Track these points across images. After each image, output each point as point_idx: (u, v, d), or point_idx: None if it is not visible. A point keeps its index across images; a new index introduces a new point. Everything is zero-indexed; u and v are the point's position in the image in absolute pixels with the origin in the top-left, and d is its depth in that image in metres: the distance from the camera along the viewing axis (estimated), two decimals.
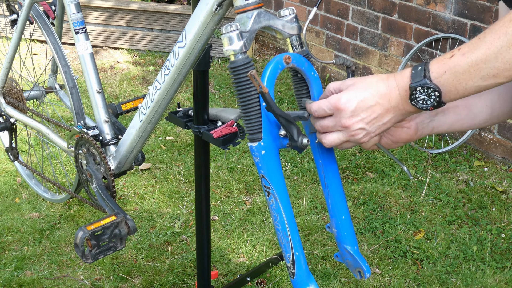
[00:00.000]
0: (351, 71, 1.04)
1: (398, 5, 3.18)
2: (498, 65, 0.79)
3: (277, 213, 1.02)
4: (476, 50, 0.81)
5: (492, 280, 2.07)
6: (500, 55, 0.79)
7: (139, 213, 2.40)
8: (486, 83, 0.82)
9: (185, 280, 2.04)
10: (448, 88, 0.84)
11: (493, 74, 0.80)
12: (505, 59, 0.79)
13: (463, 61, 0.82)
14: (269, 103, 0.94)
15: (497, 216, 2.43)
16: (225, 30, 1.00)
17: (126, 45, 4.19)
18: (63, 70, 1.85)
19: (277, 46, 4.18)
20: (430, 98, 0.85)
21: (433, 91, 0.85)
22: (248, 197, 2.53)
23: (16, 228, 2.28)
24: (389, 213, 2.43)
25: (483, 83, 0.82)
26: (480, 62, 0.80)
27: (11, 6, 2.06)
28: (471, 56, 0.81)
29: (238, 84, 1.01)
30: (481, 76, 0.81)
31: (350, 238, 1.10)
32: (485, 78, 0.81)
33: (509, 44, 0.78)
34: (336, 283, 2.03)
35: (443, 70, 0.84)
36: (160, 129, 3.09)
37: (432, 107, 0.86)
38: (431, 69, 0.85)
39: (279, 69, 0.99)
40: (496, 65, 0.80)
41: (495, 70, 0.80)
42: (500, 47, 0.78)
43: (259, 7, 1.03)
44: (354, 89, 0.91)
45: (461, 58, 0.82)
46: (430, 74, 0.85)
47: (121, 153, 1.62)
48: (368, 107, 0.89)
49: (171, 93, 1.33)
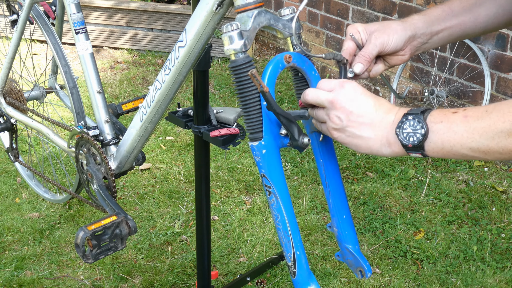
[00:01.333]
0: (343, 65, 1.04)
1: (398, 5, 3.18)
2: (492, 146, 0.78)
3: (278, 212, 1.02)
4: (478, 120, 0.79)
5: (492, 280, 2.07)
6: (497, 138, 0.77)
7: (139, 213, 2.40)
8: (472, 155, 0.81)
9: (185, 280, 2.04)
10: (436, 138, 0.82)
11: (484, 151, 0.79)
12: (500, 144, 0.78)
13: (462, 123, 0.80)
14: (269, 102, 0.94)
15: (497, 216, 2.43)
16: (226, 30, 1.00)
17: (126, 45, 4.19)
18: (64, 70, 1.85)
19: (277, 46, 4.18)
20: (414, 135, 0.83)
21: (421, 128, 0.83)
22: (248, 197, 2.53)
23: (16, 228, 2.28)
24: (389, 213, 2.43)
25: (470, 153, 0.81)
26: (476, 134, 0.79)
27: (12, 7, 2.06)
28: (471, 123, 0.80)
29: (238, 83, 1.01)
30: (471, 147, 0.80)
31: (351, 237, 1.10)
32: (474, 150, 0.80)
33: (509, 132, 0.76)
34: (336, 283, 2.03)
35: (440, 120, 0.83)
36: (160, 129, 3.09)
37: (411, 145, 0.84)
38: (432, 113, 0.84)
39: (280, 68, 0.99)
40: (490, 145, 0.78)
41: (487, 148, 0.79)
42: (500, 131, 0.77)
43: (260, 6, 1.03)
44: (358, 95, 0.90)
45: (462, 120, 0.81)
46: (428, 116, 0.84)
47: (121, 153, 1.62)
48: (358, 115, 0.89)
49: (172, 93, 1.33)
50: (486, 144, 0.78)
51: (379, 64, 1.09)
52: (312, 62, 1.05)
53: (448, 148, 0.82)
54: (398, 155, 0.88)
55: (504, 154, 0.78)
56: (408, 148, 0.84)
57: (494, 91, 2.83)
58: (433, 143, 0.83)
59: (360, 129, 0.88)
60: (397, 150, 0.87)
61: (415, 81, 3.25)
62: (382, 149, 0.88)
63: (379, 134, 0.87)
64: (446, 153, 0.82)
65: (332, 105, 0.90)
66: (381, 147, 0.88)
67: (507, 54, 2.74)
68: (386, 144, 0.87)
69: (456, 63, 3.00)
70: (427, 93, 3.10)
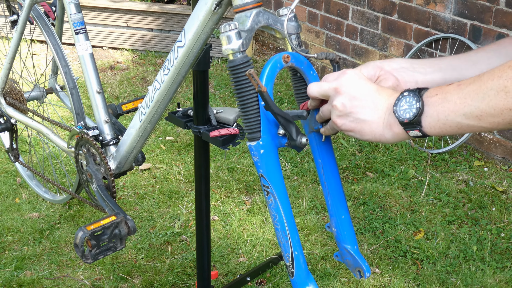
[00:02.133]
0: (336, 63, 1.04)
1: (398, 5, 3.18)
2: (483, 107, 0.77)
3: (276, 212, 1.02)
4: (470, 85, 0.79)
5: (492, 280, 2.07)
6: (487, 97, 0.76)
7: (139, 213, 2.40)
8: (468, 122, 0.79)
9: (185, 280, 2.04)
10: (431, 110, 0.82)
11: (477, 115, 0.78)
12: (491, 103, 0.76)
13: (455, 90, 0.80)
14: (267, 102, 0.95)
15: (497, 216, 2.43)
16: (224, 29, 1.00)
17: (126, 45, 4.19)
18: (64, 71, 1.85)
19: (277, 46, 4.18)
20: (410, 110, 0.83)
21: (416, 102, 0.83)
22: (248, 197, 2.53)
23: (16, 228, 2.28)
24: (389, 213, 2.43)
25: (465, 121, 0.79)
26: (468, 97, 0.78)
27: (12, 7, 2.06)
28: (463, 88, 0.79)
29: (236, 83, 1.01)
30: (464, 112, 0.79)
31: (350, 237, 1.10)
32: (468, 116, 0.79)
33: (498, 89, 0.75)
34: (336, 283, 2.03)
35: (435, 93, 0.83)
36: (160, 129, 3.09)
37: (407, 121, 0.84)
38: (429, 89, 0.84)
39: (278, 68, 0.99)
40: (481, 106, 0.77)
41: (479, 111, 0.77)
42: (490, 89, 0.76)
43: (258, 6, 1.04)
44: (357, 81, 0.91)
45: (455, 88, 0.81)
46: (423, 92, 0.84)
47: (121, 153, 1.62)
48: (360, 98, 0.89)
49: (171, 93, 1.33)
50: (477, 107, 0.77)
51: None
52: (311, 62, 1.05)
53: (443, 119, 0.81)
54: (400, 137, 0.87)
55: (497, 116, 0.76)
56: (405, 124, 0.84)
57: None
58: (429, 116, 0.83)
59: (363, 113, 0.89)
60: (397, 131, 0.87)
61: None
62: (384, 132, 0.88)
63: (381, 116, 0.88)
64: (443, 126, 0.82)
65: (336, 92, 0.91)
66: (383, 130, 0.88)
67: None
68: (387, 126, 0.87)
69: None
70: None
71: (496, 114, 0.76)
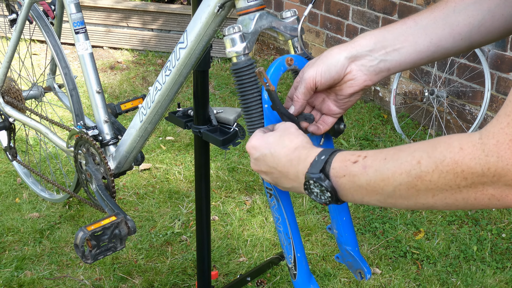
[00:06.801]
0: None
1: (398, 5, 3.18)
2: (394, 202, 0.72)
3: (279, 214, 1.02)
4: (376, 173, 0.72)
5: (492, 280, 2.07)
6: (398, 191, 0.71)
7: (139, 213, 2.40)
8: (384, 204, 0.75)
9: (185, 280, 2.04)
10: (344, 192, 0.77)
11: (390, 202, 0.73)
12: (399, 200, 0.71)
13: (362, 175, 0.74)
14: (274, 101, 0.94)
15: (497, 216, 2.43)
16: (228, 32, 1.00)
17: (126, 45, 4.18)
18: (63, 72, 1.85)
19: (277, 46, 4.18)
20: (323, 196, 0.78)
21: (326, 191, 0.77)
22: (248, 197, 2.53)
23: (16, 228, 2.28)
24: (389, 213, 2.43)
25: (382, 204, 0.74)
26: (378, 188, 0.72)
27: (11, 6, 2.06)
28: (370, 175, 0.73)
29: (240, 85, 1.01)
30: (377, 199, 0.74)
31: (351, 239, 1.10)
32: (383, 202, 0.74)
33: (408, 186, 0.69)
34: (336, 283, 2.03)
35: (343, 173, 0.76)
36: (160, 129, 3.09)
37: (325, 204, 0.80)
38: (333, 165, 0.77)
39: (282, 70, 0.99)
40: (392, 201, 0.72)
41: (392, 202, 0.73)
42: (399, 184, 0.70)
43: (261, 9, 1.03)
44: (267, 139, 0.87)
45: (361, 172, 0.74)
46: (330, 170, 0.77)
47: (121, 153, 1.62)
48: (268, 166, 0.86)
49: (172, 94, 1.33)
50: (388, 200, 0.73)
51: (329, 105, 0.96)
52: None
53: (359, 200, 0.76)
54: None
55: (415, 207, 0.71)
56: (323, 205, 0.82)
57: (494, 91, 2.83)
58: (344, 196, 0.78)
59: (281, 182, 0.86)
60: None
61: (415, 81, 3.25)
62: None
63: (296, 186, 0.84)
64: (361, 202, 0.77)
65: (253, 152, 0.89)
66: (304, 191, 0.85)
67: (507, 54, 2.73)
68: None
69: (456, 63, 3.00)
70: (427, 93, 3.10)
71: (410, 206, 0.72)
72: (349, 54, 0.89)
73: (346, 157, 0.77)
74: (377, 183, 0.72)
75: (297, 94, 0.93)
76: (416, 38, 0.89)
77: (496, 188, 0.62)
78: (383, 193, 0.72)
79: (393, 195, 0.72)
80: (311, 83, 0.91)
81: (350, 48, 0.90)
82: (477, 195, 0.64)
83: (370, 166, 0.73)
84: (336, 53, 0.90)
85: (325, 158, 0.78)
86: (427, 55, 0.90)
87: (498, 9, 0.85)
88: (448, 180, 0.65)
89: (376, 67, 0.90)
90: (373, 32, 0.91)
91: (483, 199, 0.64)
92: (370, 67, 0.90)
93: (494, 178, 0.61)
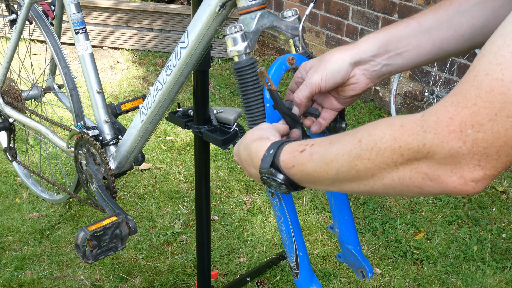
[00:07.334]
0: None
1: (398, 5, 3.18)
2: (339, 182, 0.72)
3: (281, 213, 1.02)
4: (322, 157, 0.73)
5: (492, 280, 2.07)
6: (341, 174, 0.71)
7: (139, 213, 2.40)
8: (333, 189, 0.75)
9: (185, 280, 2.04)
10: (297, 179, 0.78)
11: (338, 187, 0.74)
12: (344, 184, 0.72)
13: (309, 162, 0.75)
14: (276, 101, 0.95)
15: (497, 216, 2.43)
16: (229, 31, 1.00)
17: (126, 45, 4.18)
18: (63, 72, 1.85)
19: (277, 46, 4.18)
20: (280, 188, 0.80)
21: (280, 184, 0.79)
22: (248, 197, 2.53)
23: (16, 228, 2.28)
24: (389, 213, 2.43)
25: (333, 188, 0.75)
26: (324, 172, 0.73)
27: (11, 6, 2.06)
28: (316, 160, 0.73)
29: (242, 84, 1.01)
30: (325, 184, 0.75)
31: (353, 238, 1.10)
32: (330, 186, 0.75)
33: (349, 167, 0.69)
34: (336, 283, 2.03)
35: (292, 164, 0.77)
36: (160, 129, 3.09)
37: (286, 193, 0.81)
38: (282, 157, 0.78)
39: (283, 70, 0.99)
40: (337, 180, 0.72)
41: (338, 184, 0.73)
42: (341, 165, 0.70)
43: (263, 8, 1.03)
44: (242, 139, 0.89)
45: (308, 159, 0.75)
46: (279, 163, 0.79)
47: (121, 153, 1.62)
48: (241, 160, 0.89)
49: (173, 94, 1.33)
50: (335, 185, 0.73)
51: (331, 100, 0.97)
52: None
53: (313, 185, 0.78)
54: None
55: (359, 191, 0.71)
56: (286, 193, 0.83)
57: None
58: (299, 184, 0.80)
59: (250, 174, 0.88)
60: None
61: (415, 81, 3.25)
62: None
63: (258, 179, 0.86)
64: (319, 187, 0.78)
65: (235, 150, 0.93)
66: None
67: None
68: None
69: (456, 63, 3.00)
70: (427, 93, 3.10)
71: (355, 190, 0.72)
72: (353, 60, 0.91)
73: (294, 147, 0.78)
74: (322, 168, 0.73)
75: (300, 97, 0.94)
76: (419, 41, 0.89)
77: (430, 166, 0.61)
78: (329, 178, 0.73)
79: (337, 179, 0.72)
80: (316, 89, 0.92)
81: (353, 54, 0.91)
82: (412, 173, 0.63)
83: (316, 152, 0.74)
84: (340, 58, 0.91)
85: (273, 152, 0.80)
86: (429, 57, 0.91)
87: (502, 10, 0.84)
88: (386, 158, 0.65)
89: (379, 72, 0.92)
90: (377, 36, 0.91)
91: (417, 178, 0.63)
92: (373, 72, 0.92)
93: (429, 154, 0.61)
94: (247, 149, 0.86)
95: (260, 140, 0.84)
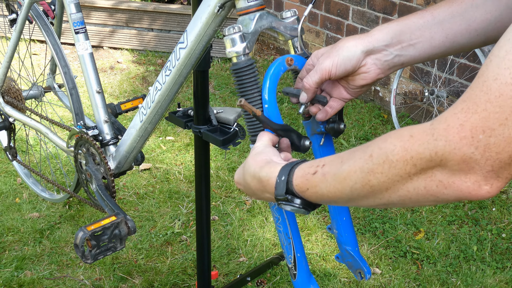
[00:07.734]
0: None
1: (398, 5, 3.18)
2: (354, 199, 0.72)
3: (279, 214, 1.02)
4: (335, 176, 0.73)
5: (492, 280, 2.07)
6: (355, 191, 0.71)
7: (139, 213, 2.40)
8: (350, 205, 0.76)
9: (185, 280, 2.04)
10: (315, 200, 0.78)
11: (354, 203, 0.74)
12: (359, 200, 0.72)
13: (322, 183, 0.75)
14: (265, 123, 0.95)
15: (497, 216, 2.43)
16: (228, 32, 1.00)
17: (126, 45, 4.18)
18: (63, 71, 1.85)
19: (277, 46, 4.18)
20: (299, 210, 0.80)
21: (298, 208, 0.79)
22: (248, 197, 2.53)
23: (16, 228, 2.28)
24: (389, 213, 2.43)
25: (348, 204, 0.75)
26: (337, 192, 0.73)
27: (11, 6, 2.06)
28: (329, 180, 0.74)
29: (240, 85, 1.01)
30: (342, 202, 0.75)
31: (351, 239, 1.10)
32: (346, 203, 0.75)
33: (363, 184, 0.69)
34: (336, 283, 2.03)
35: (305, 187, 0.77)
36: (160, 129, 3.09)
37: (307, 213, 0.81)
38: (295, 182, 0.78)
39: (282, 71, 0.99)
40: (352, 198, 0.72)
41: (353, 201, 0.73)
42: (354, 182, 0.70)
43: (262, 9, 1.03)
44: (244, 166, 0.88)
45: (322, 180, 0.75)
46: (293, 188, 0.79)
47: (121, 153, 1.62)
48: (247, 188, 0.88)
49: (172, 94, 1.33)
50: (351, 202, 0.74)
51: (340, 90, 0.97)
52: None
53: (331, 203, 0.79)
54: None
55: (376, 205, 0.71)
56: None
57: None
58: (317, 205, 0.80)
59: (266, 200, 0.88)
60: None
61: (415, 81, 3.25)
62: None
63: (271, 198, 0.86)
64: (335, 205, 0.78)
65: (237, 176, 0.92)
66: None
67: None
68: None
69: (456, 63, 3.00)
70: (427, 93, 3.10)
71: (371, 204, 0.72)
72: (365, 48, 0.90)
73: (305, 170, 0.78)
74: (336, 187, 0.73)
75: (309, 82, 0.94)
76: (433, 33, 0.89)
77: (443, 174, 0.61)
78: (344, 196, 0.73)
79: (352, 196, 0.72)
80: (326, 74, 0.92)
81: (366, 42, 0.91)
82: (426, 183, 0.63)
83: (328, 172, 0.74)
84: (353, 45, 0.91)
85: (285, 179, 0.79)
86: (441, 50, 0.91)
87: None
88: (399, 170, 0.65)
89: (390, 62, 0.92)
90: (390, 26, 0.91)
91: (431, 187, 0.63)
92: (385, 62, 0.92)
93: (442, 162, 0.61)
94: (256, 178, 0.84)
95: (268, 166, 0.84)
